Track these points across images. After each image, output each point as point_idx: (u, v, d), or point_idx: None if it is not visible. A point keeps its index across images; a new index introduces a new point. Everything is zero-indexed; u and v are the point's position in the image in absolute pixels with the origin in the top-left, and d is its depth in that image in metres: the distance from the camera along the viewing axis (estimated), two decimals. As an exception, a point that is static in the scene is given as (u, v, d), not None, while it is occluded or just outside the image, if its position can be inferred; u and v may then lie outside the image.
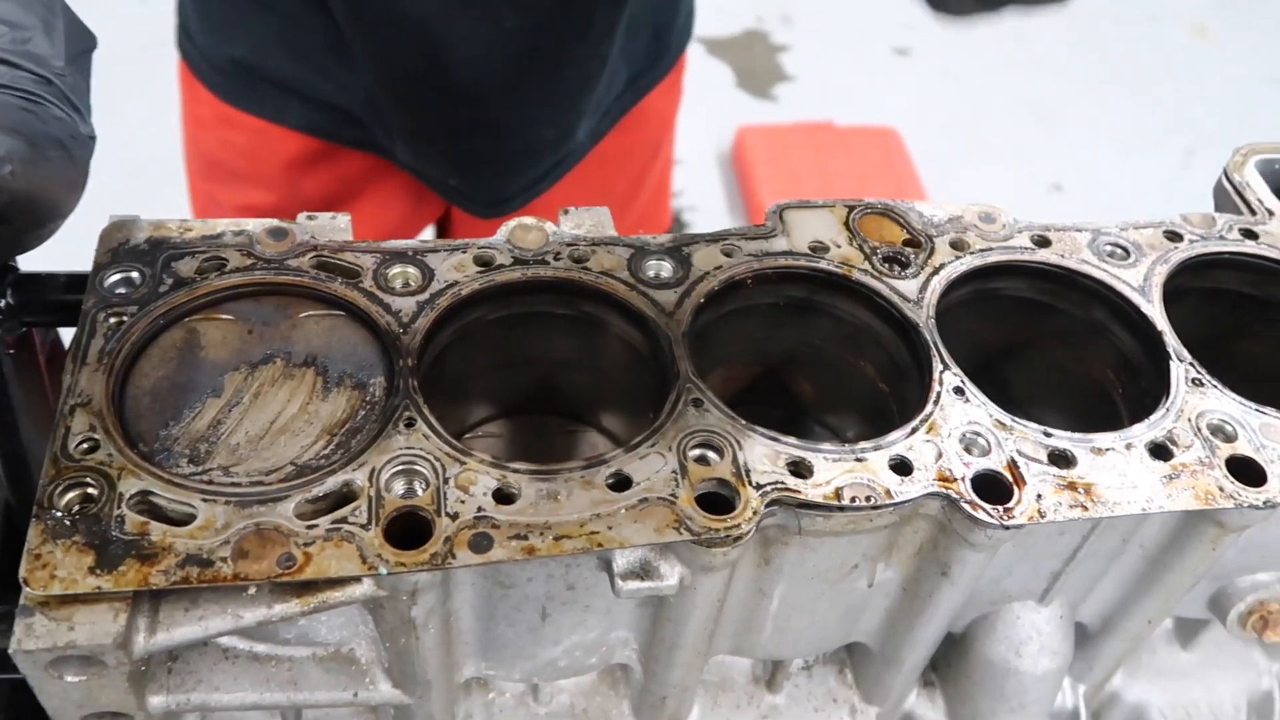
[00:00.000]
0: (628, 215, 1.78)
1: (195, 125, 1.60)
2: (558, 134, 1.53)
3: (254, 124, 1.52)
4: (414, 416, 0.80)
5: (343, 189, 1.59)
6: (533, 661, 0.90)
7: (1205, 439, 0.88)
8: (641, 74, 1.63)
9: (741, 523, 0.76)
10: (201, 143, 1.61)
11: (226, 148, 1.56)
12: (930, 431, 0.85)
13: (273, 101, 1.49)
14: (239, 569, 0.70)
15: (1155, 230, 1.04)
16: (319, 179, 1.56)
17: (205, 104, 1.53)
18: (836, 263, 0.97)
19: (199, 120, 1.58)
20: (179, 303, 0.85)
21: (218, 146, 1.57)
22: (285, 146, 1.53)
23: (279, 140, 1.53)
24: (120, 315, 0.84)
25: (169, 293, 0.85)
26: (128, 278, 0.86)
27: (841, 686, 1.04)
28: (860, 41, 4.93)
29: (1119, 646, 1.02)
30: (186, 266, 0.88)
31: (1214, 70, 5.01)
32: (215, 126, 1.55)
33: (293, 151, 1.53)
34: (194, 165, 1.67)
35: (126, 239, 0.89)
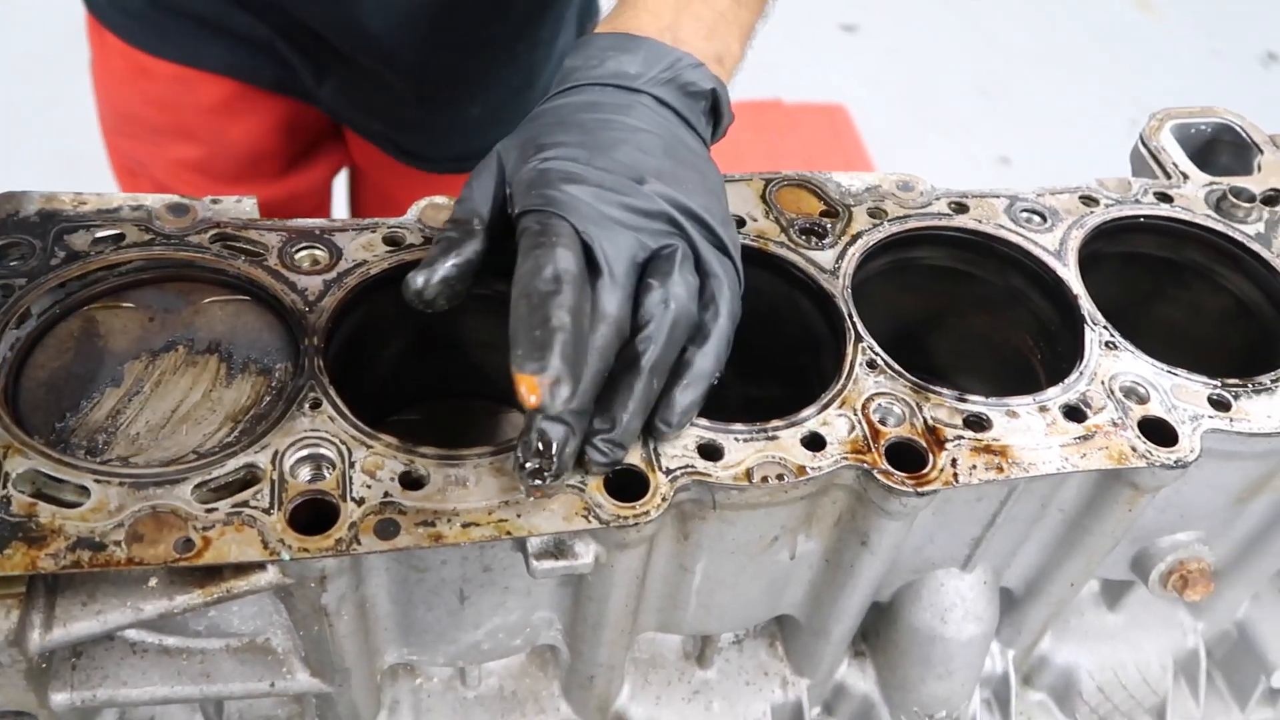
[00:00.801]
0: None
1: (107, 79, 1.53)
2: (486, 112, 1.51)
3: (170, 70, 1.45)
4: (319, 398, 0.79)
5: (272, 136, 1.54)
6: (455, 645, 0.89)
7: (1118, 401, 0.88)
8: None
9: (650, 509, 0.76)
10: (116, 98, 1.54)
11: (143, 100, 1.49)
12: (843, 405, 0.85)
13: (189, 43, 1.43)
14: (133, 553, 0.68)
15: (1071, 195, 1.05)
16: (246, 126, 1.51)
17: (116, 54, 1.46)
18: (753, 236, 0.96)
19: (111, 73, 1.51)
20: (73, 279, 0.83)
21: (134, 99, 1.50)
22: (206, 92, 1.47)
23: (199, 85, 1.46)
24: (8, 284, 0.81)
25: (60, 266, 0.83)
26: (15, 246, 0.84)
27: (773, 659, 1.04)
28: (807, 19, 4.91)
29: (1044, 610, 1.03)
30: (80, 240, 0.85)
31: (1158, 43, 5.05)
32: (129, 78, 1.48)
33: (214, 97, 1.47)
34: (110, 124, 1.59)
35: (16, 211, 0.86)
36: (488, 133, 1.54)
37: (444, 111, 1.47)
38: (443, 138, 1.52)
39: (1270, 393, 0.91)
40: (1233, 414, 0.88)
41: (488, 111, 1.51)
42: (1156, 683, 1.12)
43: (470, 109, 1.48)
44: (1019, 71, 4.81)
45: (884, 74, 4.66)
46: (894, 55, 4.80)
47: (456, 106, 1.47)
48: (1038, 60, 4.89)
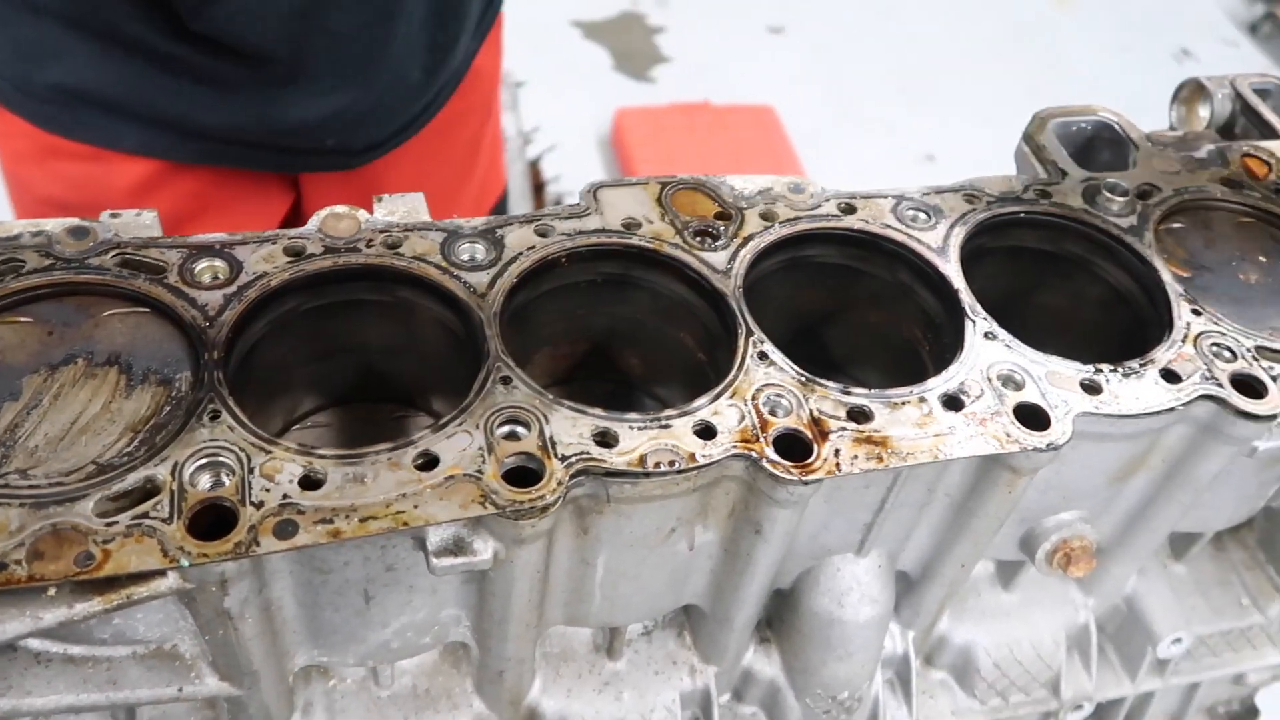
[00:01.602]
0: (469, 182, 1.78)
1: (15, 162, 1.49)
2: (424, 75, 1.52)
3: (85, 151, 1.43)
4: (219, 409, 0.80)
5: (189, 206, 1.53)
6: (365, 645, 0.91)
7: (995, 389, 0.93)
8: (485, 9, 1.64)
9: (546, 494, 0.78)
10: (25, 179, 1.50)
11: (56, 181, 1.46)
12: (734, 396, 0.88)
13: (103, 126, 1.40)
14: (34, 570, 0.70)
15: (955, 194, 1.09)
16: (167, 198, 1.49)
17: (24, 137, 1.42)
18: (648, 238, 0.99)
19: (18, 156, 1.47)
20: (-24, 308, 0.84)
21: (45, 180, 1.47)
22: (123, 171, 1.44)
23: (115, 165, 1.44)
24: None
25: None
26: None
27: (681, 649, 1.08)
28: (735, 21, 4.99)
29: (939, 591, 1.07)
30: (-20, 270, 0.86)
31: (1075, 40, 5.20)
32: (39, 159, 1.44)
33: (133, 176, 1.45)
34: (21, 205, 1.55)
35: (-86, 244, 0.87)
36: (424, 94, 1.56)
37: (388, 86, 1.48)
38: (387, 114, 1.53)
39: (1139, 376, 0.96)
40: (1103, 397, 0.93)
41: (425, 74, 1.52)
42: (1050, 657, 1.18)
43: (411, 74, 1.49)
44: (942, 70, 4.92)
45: (811, 75, 4.74)
46: (820, 56, 4.89)
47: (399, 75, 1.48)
48: (960, 58, 5.01)
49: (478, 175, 1.80)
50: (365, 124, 1.53)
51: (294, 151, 1.52)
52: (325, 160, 1.55)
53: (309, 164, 1.56)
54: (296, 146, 1.51)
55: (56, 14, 1.34)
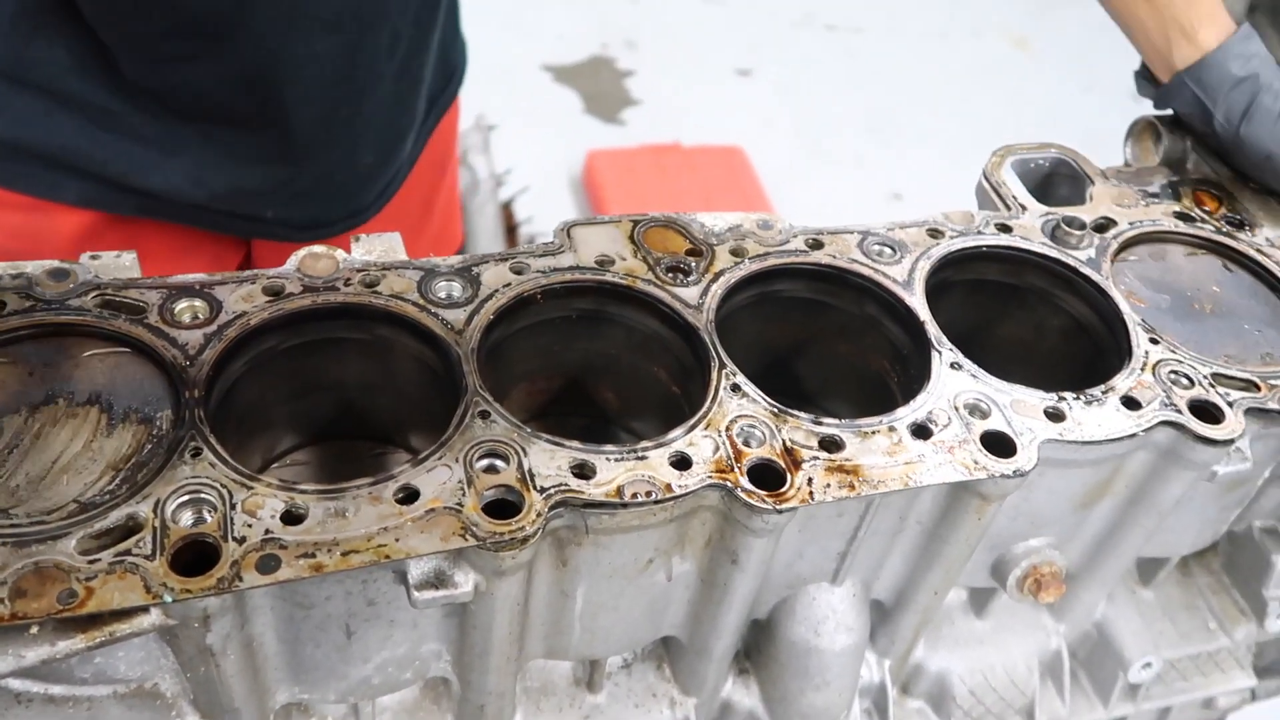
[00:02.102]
0: (422, 238, 1.78)
1: None
2: (378, 159, 1.54)
3: (26, 202, 1.40)
4: (200, 446, 0.81)
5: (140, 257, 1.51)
6: (345, 681, 0.91)
7: (962, 417, 0.95)
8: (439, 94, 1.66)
9: (525, 525, 0.80)
10: None
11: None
12: (709, 427, 0.90)
13: (44, 179, 1.39)
14: (16, 608, 0.70)
15: (919, 229, 1.13)
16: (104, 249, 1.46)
17: None
18: (621, 274, 1.01)
19: None
20: (-44, 350, 0.85)
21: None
22: (65, 221, 1.42)
23: (57, 216, 1.41)
24: None
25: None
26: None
27: (660, 681, 1.09)
28: (703, 64, 5.06)
29: (914, 619, 1.09)
30: (-39, 313, 0.87)
31: (1034, 80, 5.31)
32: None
33: (74, 227, 1.42)
34: None
35: (-105, 287, 0.88)
36: (377, 180, 1.57)
37: (338, 166, 1.49)
38: (336, 194, 1.53)
39: (1101, 403, 0.99)
40: (1067, 425, 0.96)
41: (379, 158, 1.54)
42: (1024, 684, 1.19)
43: (364, 156, 1.51)
44: (905, 109, 5.02)
45: (779, 115, 4.82)
46: (788, 97, 4.97)
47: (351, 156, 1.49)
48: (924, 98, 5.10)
49: (431, 230, 1.80)
50: (308, 200, 1.52)
51: (233, 216, 1.50)
52: (267, 229, 1.54)
53: (251, 230, 1.54)
54: (235, 212, 1.49)
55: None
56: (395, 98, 1.48)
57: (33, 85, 1.32)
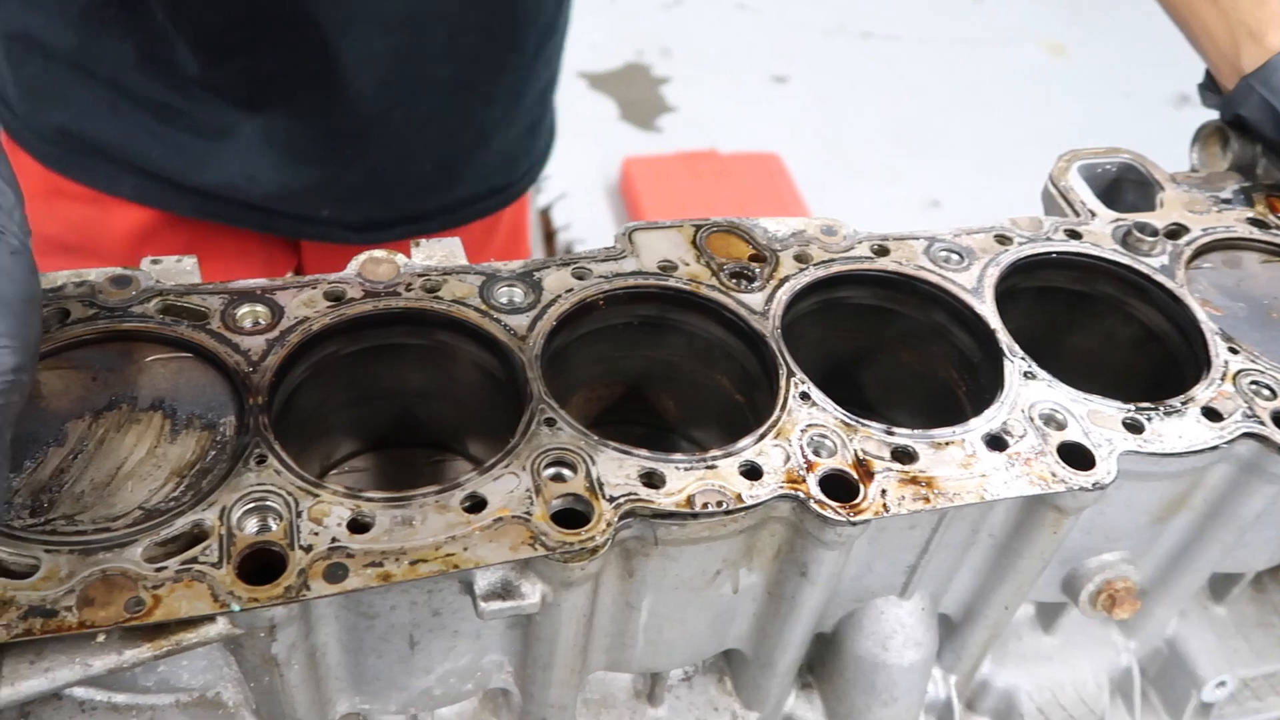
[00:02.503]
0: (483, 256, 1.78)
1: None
2: (437, 169, 1.53)
3: (86, 194, 1.44)
4: (265, 453, 0.80)
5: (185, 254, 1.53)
6: (407, 692, 0.90)
7: (1038, 428, 0.92)
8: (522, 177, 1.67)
9: (595, 535, 0.78)
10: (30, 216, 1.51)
11: (56, 221, 1.47)
12: (779, 436, 0.88)
13: (104, 172, 1.43)
14: (84, 616, 0.69)
15: (986, 235, 1.10)
16: (156, 249, 1.48)
17: (31, 174, 1.44)
18: (685, 280, 1.00)
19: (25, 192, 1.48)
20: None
21: (46, 220, 1.45)
22: (121, 217, 1.46)
23: (115, 211, 1.45)
24: None
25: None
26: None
27: (722, 694, 1.06)
28: (738, 71, 5.05)
29: (982, 634, 1.06)
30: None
31: (1071, 87, 5.26)
32: (44, 198, 1.45)
33: (129, 223, 1.46)
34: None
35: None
36: (439, 193, 1.57)
37: (392, 167, 1.48)
38: (390, 196, 1.53)
39: (1180, 414, 0.96)
40: (1146, 436, 0.93)
41: (438, 168, 1.53)
42: (1094, 701, 1.16)
43: (421, 163, 1.50)
44: (942, 117, 4.98)
45: (815, 122, 4.80)
46: (824, 104, 4.94)
47: (405, 159, 1.48)
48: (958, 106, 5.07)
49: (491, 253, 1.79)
50: (361, 199, 1.52)
51: (288, 216, 1.51)
52: (322, 230, 1.55)
53: (305, 231, 1.55)
54: (289, 211, 1.50)
55: (66, 59, 1.37)
56: (454, 106, 1.48)
57: (100, 78, 1.35)
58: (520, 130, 1.60)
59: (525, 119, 1.60)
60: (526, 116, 1.60)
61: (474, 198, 1.60)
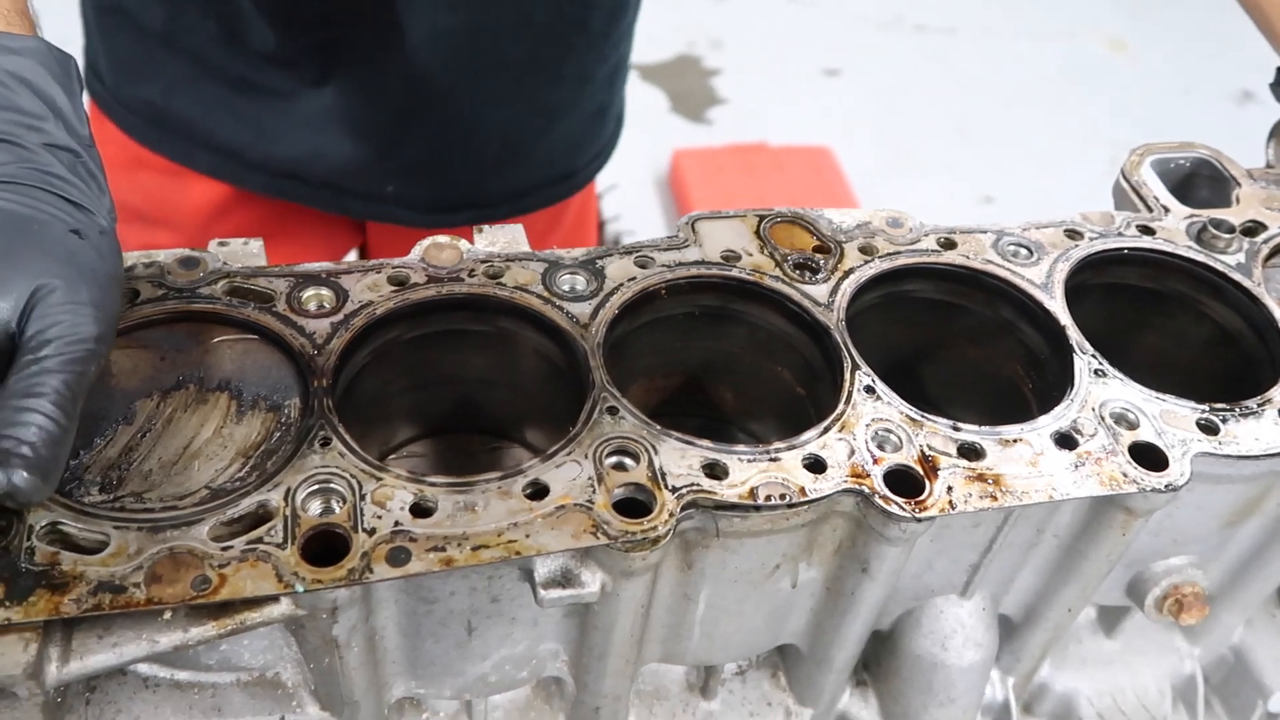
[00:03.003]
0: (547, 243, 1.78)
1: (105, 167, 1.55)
2: (503, 152, 1.53)
3: (166, 166, 1.49)
4: (329, 436, 0.80)
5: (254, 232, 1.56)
6: (462, 678, 0.90)
7: (1109, 427, 0.90)
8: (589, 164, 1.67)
9: (658, 525, 0.77)
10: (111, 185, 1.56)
11: (136, 191, 1.51)
12: (843, 430, 0.87)
13: (180, 145, 1.48)
14: (152, 593, 0.70)
15: (1056, 229, 1.08)
16: (230, 224, 1.54)
17: (115, 144, 1.49)
18: (748, 270, 0.98)
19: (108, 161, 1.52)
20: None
21: (127, 190, 1.50)
22: (196, 191, 1.50)
23: (191, 184, 1.50)
24: None
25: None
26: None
27: (775, 690, 1.05)
28: (790, 63, 5.01)
29: (1043, 636, 1.04)
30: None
31: (1132, 82, 5.15)
32: (125, 168, 1.50)
33: (204, 196, 1.51)
34: None
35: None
36: (504, 177, 1.57)
37: (457, 144, 1.49)
38: (456, 176, 1.54)
39: (1257, 416, 0.93)
40: (1221, 437, 0.90)
41: (504, 151, 1.53)
42: (1155, 708, 1.14)
43: (487, 144, 1.50)
44: (997, 112, 4.90)
45: (867, 116, 4.75)
46: (876, 97, 4.89)
47: (470, 136, 1.49)
48: (1014, 101, 4.99)
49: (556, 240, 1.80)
50: (426, 176, 1.53)
51: (355, 195, 1.53)
52: (387, 210, 1.56)
53: (371, 211, 1.57)
54: (355, 189, 1.52)
55: (154, 33, 1.42)
56: (521, 86, 1.48)
57: (184, 52, 1.39)
58: (587, 114, 1.60)
59: (592, 102, 1.60)
60: (593, 100, 1.60)
61: (539, 183, 1.60)
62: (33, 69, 0.79)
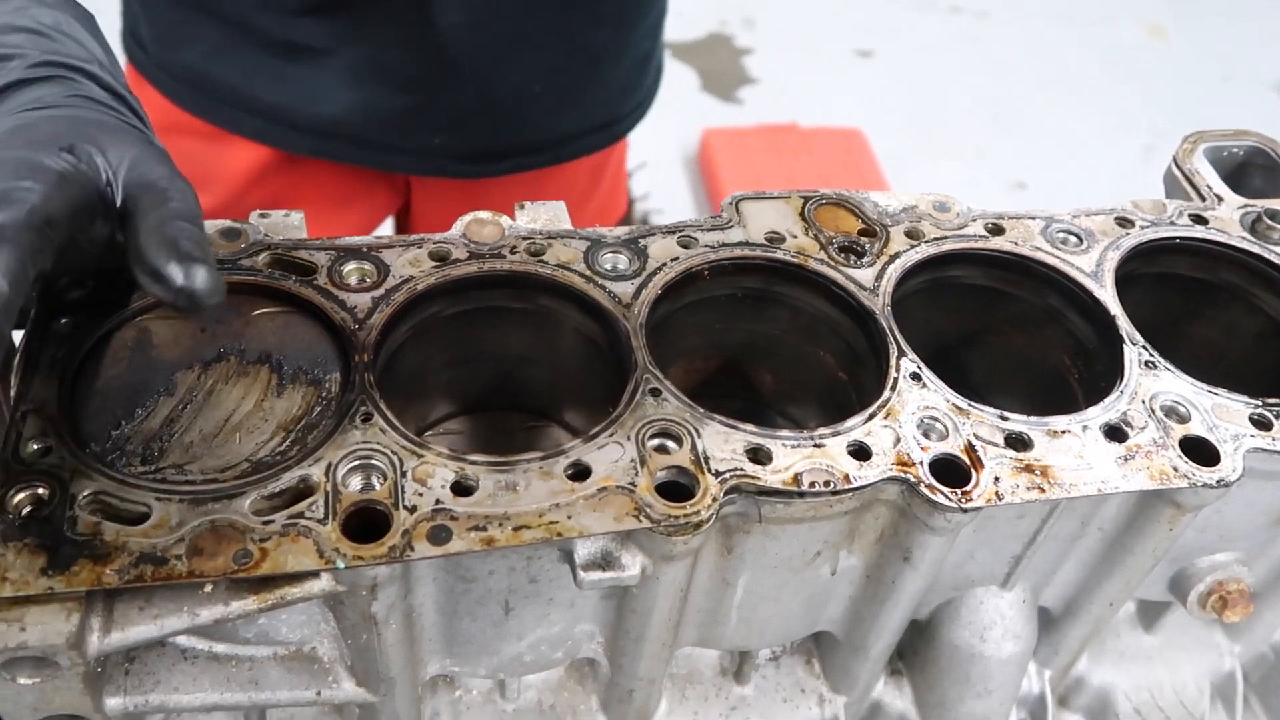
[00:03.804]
0: (586, 208, 1.78)
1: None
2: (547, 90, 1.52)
3: (205, 130, 1.50)
4: (370, 411, 0.80)
5: (292, 195, 1.58)
6: (497, 657, 0.89)
7: (1159, 420, 0.88)
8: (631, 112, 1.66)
9: (701, 509, 0.76)
10: None
11: (178, 157, 1.50)
12: (888, 417, 0.86)
13: (224, 112, 1.48)
14: (194, 566, 0.69)
15: (1107, 217, 1.06)
16: (272, 188, 1.55)
17: (154, 110, 1.47)
18: (792, 252, 0.97)
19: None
20: (132, 304, 0.84)
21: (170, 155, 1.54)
22: (237, 155, 1.51)
23: (231, 148, 1.50)
24: (71, 321, 0.83)
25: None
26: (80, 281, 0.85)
27: (809, 676, 1.05)
28: (823, 44, 4.96)
29: (1082, 630, 1.03)
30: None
31: (1170, 69, 5.07)
32: (164, 133, 1.48)
33: (245, 160, 1.51)
34: None
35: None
36: (550, 120, 1.56)
37: (500, 86, 1.49)
38: (502, 121, 1.53)
39: (1310, 413, 0.91)
40: (1275, 433, 0.88)
41: (549, 90, 1.52)
42: (1193, 705, 1.12)
43: (531, 83, 1.49)
44: (1031, 97, 4.84)
45: (899, 98, 4.69)
46: (909, 80, 4.83)
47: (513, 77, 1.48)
48: (1049, 86, 4.92)
49: (598, 197, 1.80)
50: (473, 123, 1.53)
51: (401, 151, 1.53)
52: (435, 163, 1.56)
53: (418, 166, 1.57)
54: (404, 145, 1.52)
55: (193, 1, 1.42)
56: (560, 25, 1.47)
57: (223, 17, 1.38)
58: (632, 62, 1.59)
59: (639, 49, 1.59)
60: (640, 47, 1.59)
61: (583, 130, 1.60)
62: (68, 22, 0.79)
